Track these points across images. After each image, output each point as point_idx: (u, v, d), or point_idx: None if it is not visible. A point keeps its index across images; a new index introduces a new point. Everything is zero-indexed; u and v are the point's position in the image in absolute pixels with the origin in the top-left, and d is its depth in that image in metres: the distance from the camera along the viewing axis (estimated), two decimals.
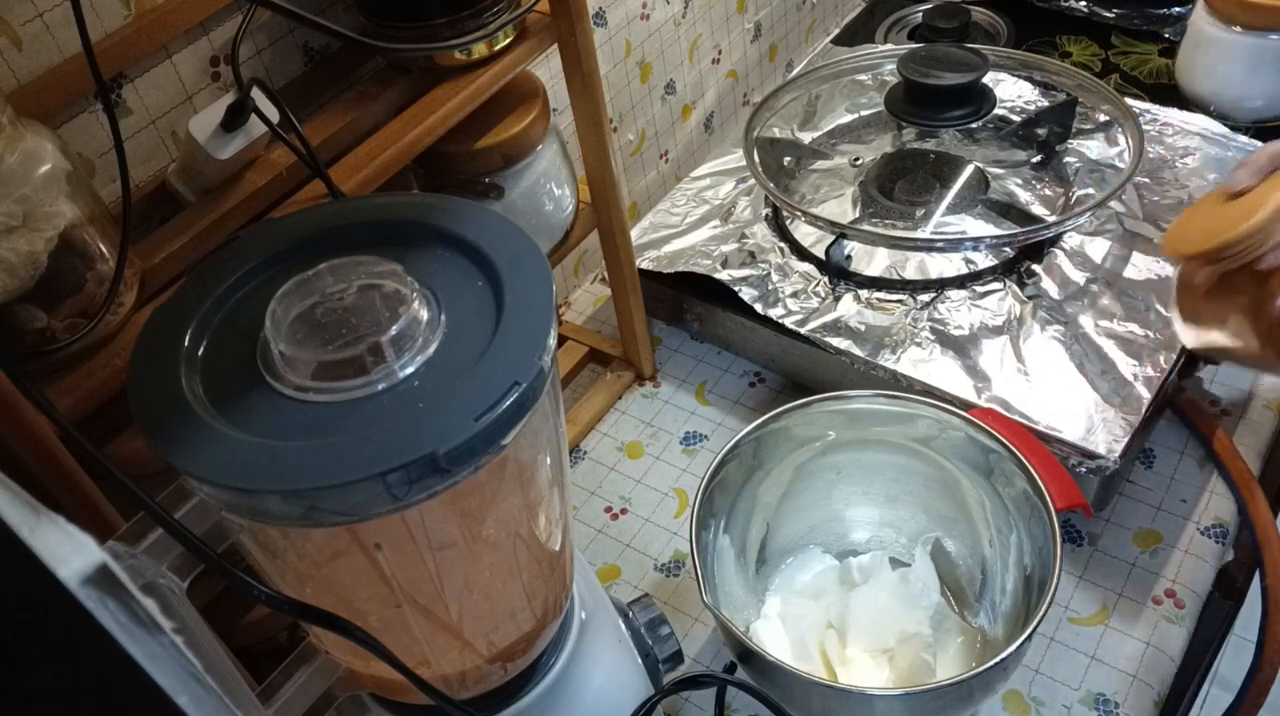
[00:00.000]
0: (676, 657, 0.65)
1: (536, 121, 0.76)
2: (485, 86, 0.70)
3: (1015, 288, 0.88)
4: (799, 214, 0.94)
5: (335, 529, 0.42)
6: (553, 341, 0.43)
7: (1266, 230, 0.60)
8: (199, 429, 0.40)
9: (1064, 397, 0.79)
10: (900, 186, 0.98)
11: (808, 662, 0.72)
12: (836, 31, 1.30)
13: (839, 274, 0.91)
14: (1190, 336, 0.72)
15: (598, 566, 0.84)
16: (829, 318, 0.88)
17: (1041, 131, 1.02)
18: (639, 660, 0.63)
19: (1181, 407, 0.86)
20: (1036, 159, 1.00)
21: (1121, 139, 0.98)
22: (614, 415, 0.96)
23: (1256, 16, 1.00)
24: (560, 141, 0.81)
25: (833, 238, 0.90)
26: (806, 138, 1.07)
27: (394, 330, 0.42)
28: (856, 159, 1.03)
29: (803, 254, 0.94)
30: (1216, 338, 0.68)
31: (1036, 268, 0.89)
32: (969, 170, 0.99)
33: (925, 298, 0.88)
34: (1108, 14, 1.23)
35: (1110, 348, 0.82)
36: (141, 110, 0.64)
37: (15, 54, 0.57)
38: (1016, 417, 0.78)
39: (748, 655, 0.64)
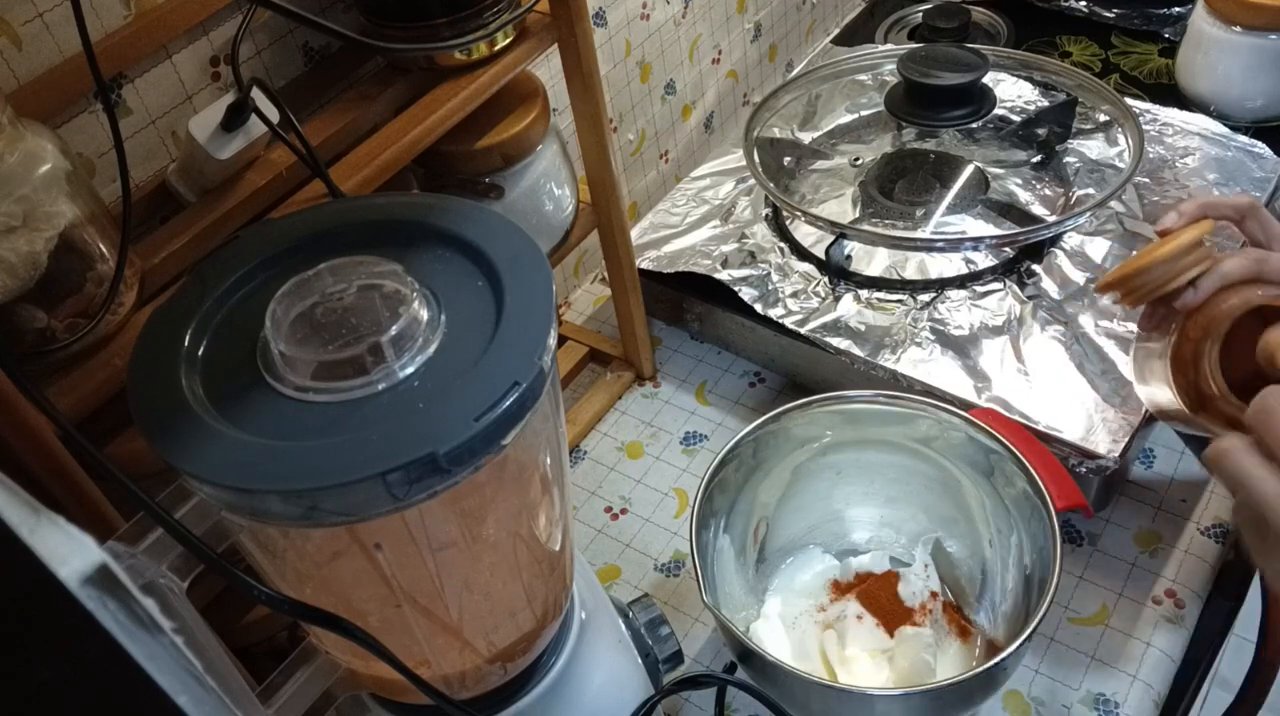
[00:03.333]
0: (676, 657, 0.65)
1: (536, 121, 0.76)
2: (485, 86, 0.70)
3: (1015, 288, 0.88)
4: (799, 214, 0.94)
5: (335, 529, 0.42)
6: (553, 341, 0.43)
7: (1174, 262, 0.62)
8: (199, 429, 0.40)
9: (1064, 397, 0.79)
10: (900, 186, 0.98)
11: (808, 662, 0.72)
12: (836, 31, 1.30)
13: (839, 274, 0.91)
14: (1142, 393, 0.71)
15: (598, 566, 0.84)
16: (829, 318, 0.88)
17: (1041, 131, 1.02)
18: (639, 660, 0.63)
19: None
20: (1036, 159, 1.00)
21: (1121, 139, 0.98)
22: (614, 415, 0.96)
23: (1256, 16, 1.00)
24: (560, 141, 0.81)
25: (833, 238, 0.90)
26: (806, 138, 1.07)
27: (394, 330, 0.42)
28: (856, 159, 1.03)
29: (803, 254, 0.94)
30: (1157, 393, 0.67)
31: (1036, 268, 0.89)
32: (969, 170, 0.99)
33: (925, 298, 0.88)
34: (1108, 14, 1.23)
35: (1110, 348, 0.82)
36: (141, 110, 0.64)
37: (15, 54, 0.57)
38: (1016, 417, 0.78)
39: (748, 655, 0.64)
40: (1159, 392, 0.66)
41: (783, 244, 0.96)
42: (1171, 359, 0.63)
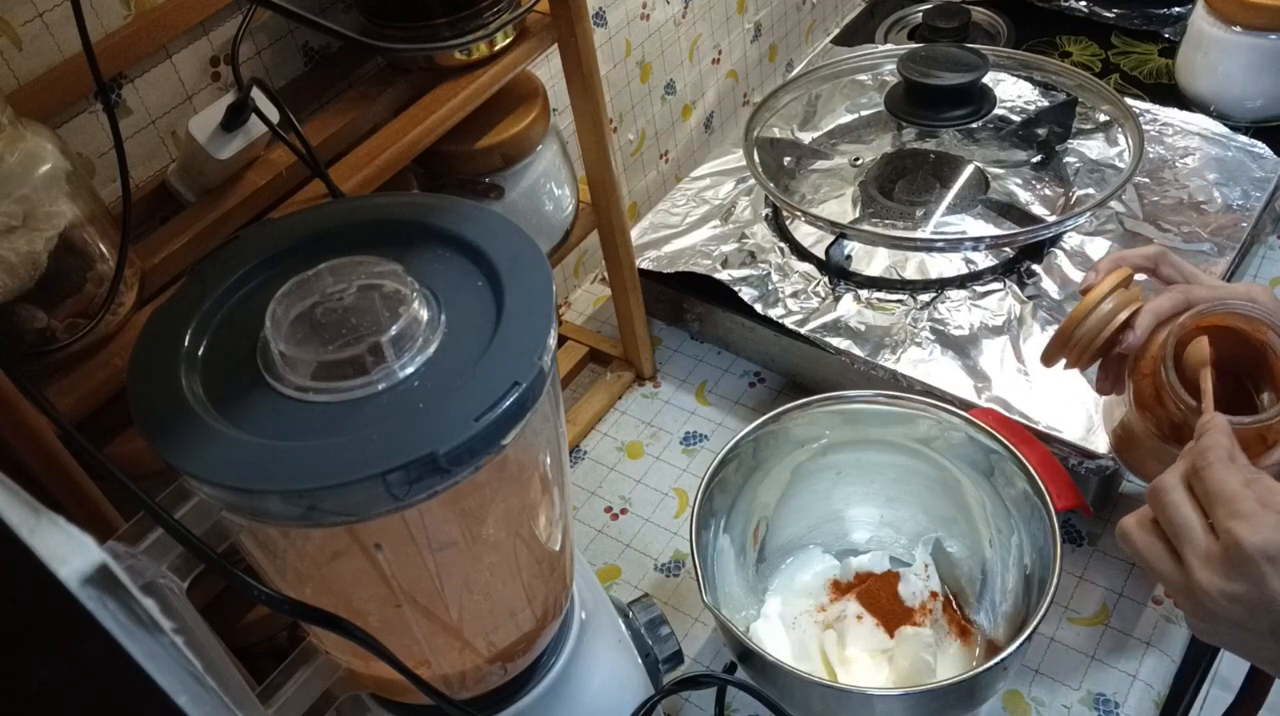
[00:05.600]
0: (676, 657, 0.65)
1: (536, 121, 0.76)
2: (485, 86, 0.70)
3: (1015, 288, 0.88)
4: (799, 214, 0.94)
5: (335, 529, 0.42)
6: (553, 341, 0.43)
7: (1103, 305, 0.63)
8: (199, 429, 0.40)
9: (1064, 397, 0.79)
10: (900, 186, 0.98)
11: (808, 662, 0.72)
12: (836, 31, 1.30)
13: (839, 274, 0.91)
14: (1125, 457, 0.70)
15: (598, 566, 0.84)
16: (829, 318, 0.88)
17: (1041, 131, 1.02)
18: (639, 660, 0.63)
19: None
20: (1036, 159, 1.00)
21: (1121, 139, 0.98)
22: (614, 415, 0.96)
23: (1256, 16, 1.00)
24: (560, 141, 0.81)
25: (833, 238, 0.90)
26: (806, 138, 1.07)
27: (394, 330, 0.42)
28: (856, 159, 1.03)
29: (803, 254, 0.94)
30: (1136, 440, 0.67)
31: (1036, 267, 0.89)
32: (969, 170, 0.99)
33: (925, 298, 0.88)
34: (1108, 14, 1.23)
35: None
36: (141, 110, 0.64)
37: (15, 54, 0.57)
38: (1016, 418, 0.78)
39: (748, 655, 0.64)
40: (1139, 437, 0.66)
41: (783, 244, 0.96)
42: (1134, 402, 0.64)
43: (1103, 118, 1.01)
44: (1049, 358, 0.67)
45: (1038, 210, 0.95)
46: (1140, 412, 0.63)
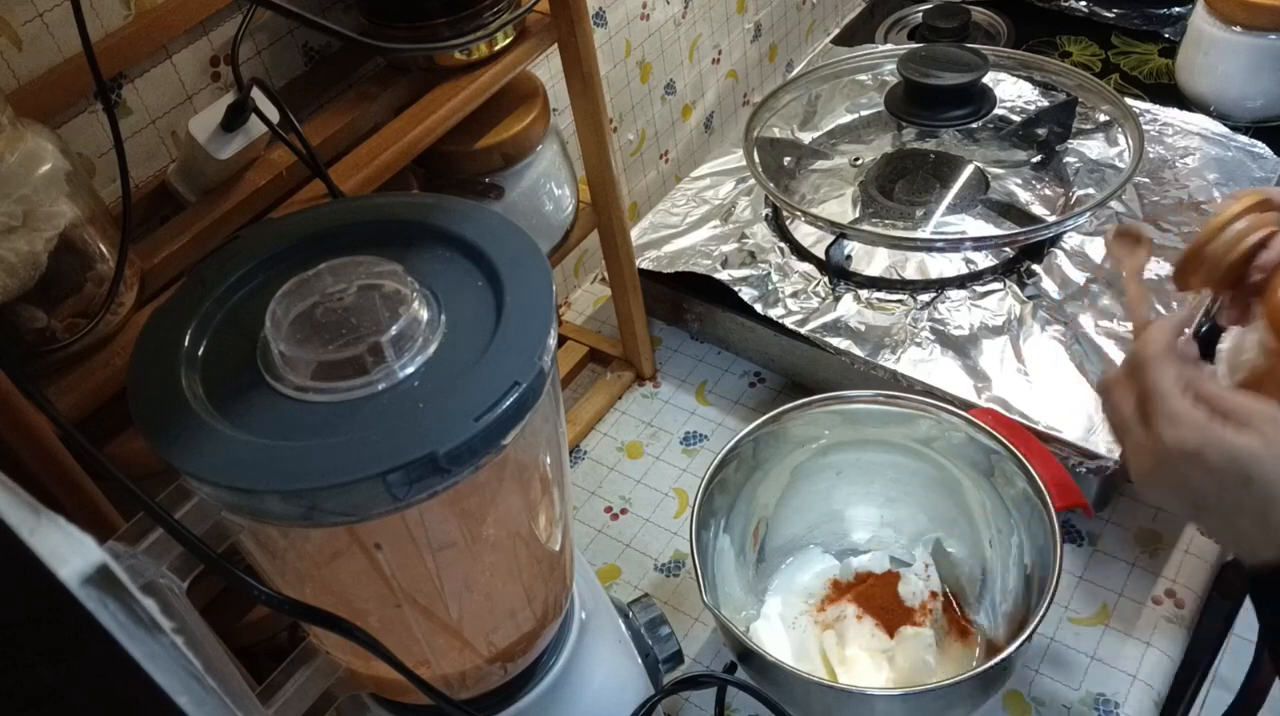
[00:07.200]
0: (676, 657, 0.65)
1: (536, 121, 0.76)
2: (485, 86, 0.70)
3: (1015, 288, 0.88)
4: (799, 214, 0.94)
5: (335, 529, 0.42)
6: (553, 341, 0.43)
7: (1235, 223, 0.61)
8: (199, 429, 0.40)
9: (1064, 397, 0.79)
10: (900, 186, 0.98)
11: (808, 662, 0.72)
12: (836, 31, 1.30)
13: (839, 274, 0.91)
14: (1237, 383, 0.68)
15: (598, 566, 0.84)
16: (829, 318, 0.88)
17: (1041, 131, 1.02)
18: (639, 660, 0.63)
19: None
20: (1036, 159, 1.00)
21: (1121, 139, 0.98)
22: (614, 415, 0.96)
23: (1256, 16, 1.00)
24: (560, 141, 0.81)
25: (833, 238, 0.90)
26: (806, 138, 1.07)
27: (394, 330, 0.42)
28: (856, 159, 1.03)
29: (803, 254, 0.94)
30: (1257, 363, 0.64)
31: (1036, 268, 0.89)
32: (969, 170, 0.99)
33: (925, 298, 0.88)
34: (1108, 14, 1.23)
35: (1110, 348, 0.82)
36: (141, 110, 0.64)
37: (15, 54, 0.57)
38: (1016, 418, 0.78)
39: (748, 655, 0.64)
40: (1274, 369, 0.63)
41: (783, 244, 0.96)
42: (1268, 326, 0.60)
43: (1103, 118, 1.01)
44: (1181, 278, 0.64)
45: (1038, 210, 0.95)
46: (1275, 332, 0.61)
